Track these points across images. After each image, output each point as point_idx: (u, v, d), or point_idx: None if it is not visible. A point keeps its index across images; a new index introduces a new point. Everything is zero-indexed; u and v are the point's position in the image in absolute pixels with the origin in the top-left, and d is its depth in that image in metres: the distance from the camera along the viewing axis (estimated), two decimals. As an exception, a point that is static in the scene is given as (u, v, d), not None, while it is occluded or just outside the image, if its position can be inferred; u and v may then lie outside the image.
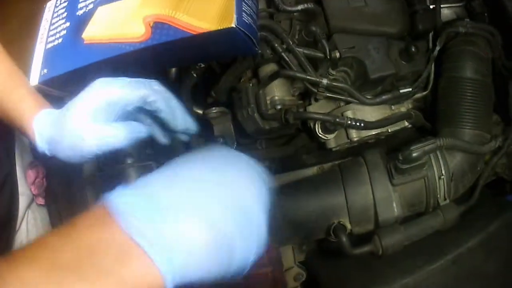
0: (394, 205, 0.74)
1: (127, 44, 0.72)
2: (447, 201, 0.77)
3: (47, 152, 0.59)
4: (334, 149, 0.79)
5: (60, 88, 0.82)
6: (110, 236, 0.32)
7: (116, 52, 0.72)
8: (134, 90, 0.55)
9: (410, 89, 0.76)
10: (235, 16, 0.65)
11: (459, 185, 0.79)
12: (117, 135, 0.53)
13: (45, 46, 0.83)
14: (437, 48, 0.79)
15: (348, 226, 0.75)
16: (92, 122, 0.52)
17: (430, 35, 0.82)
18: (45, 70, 0.81)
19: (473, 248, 0.77)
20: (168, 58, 0.76)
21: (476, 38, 0.82)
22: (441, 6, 0.86)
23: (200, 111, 0.79)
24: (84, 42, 0.77)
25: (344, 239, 0.71)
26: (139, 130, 0.56)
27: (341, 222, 0.73)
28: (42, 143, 0.58)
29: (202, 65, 0.77)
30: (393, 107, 0.78)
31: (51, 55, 0.82)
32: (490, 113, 0.82)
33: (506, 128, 0.85)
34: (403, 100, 0.78)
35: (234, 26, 0.64)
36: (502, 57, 0.87)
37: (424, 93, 0.81)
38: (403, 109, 0.79)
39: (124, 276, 0.31)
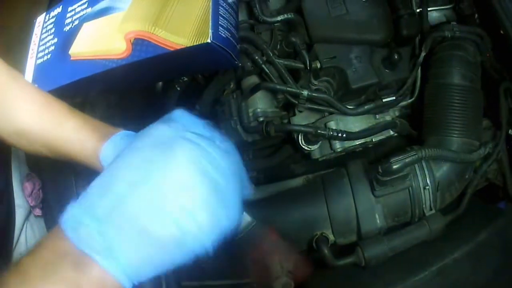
0: (377, 216, 0.72)
1: (110, 61, 0.72)
2: (433, 211, 0.75)
3: None
4: (320, 159, 0.77)
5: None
6: (65, 250, 0.36)
7: (99, 69, 0.73)
8: None
9: (394, 98, 0.74)
10: (210, 31, 0.64)
11: (446, 195, 0.76)
12: None
13: (35, 61, 0.84)
14: (423, 54, 0.76)
15: (332, 237, 0.74)
16: None
17: (417, 40, 0.79)
18: (36, 86, 0.82)
19: (459, 259, 0.75)
20: (151, 73, 0.76)
21: (463, 42, 0.79)
22: (429, 9, 0.82)
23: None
24: (71, 58, 0.78)
25: (326, 251, 0.70)
26: None
27: (324, 234, 0.72)
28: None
29: (186, 79, 0.77)
30: (377, 116, 0.76)
31: (40, 70, 0.83)
32: (479, 120, 0.79)
33: (497, 133, 0.81)
34: (387, 109, 0.76)
35: (210, 41, 0.63)
36: (492, 59, 0.83)
37: (410, 100, 0.78)
38: (388, 118, 0.77)
39: (84, 284, 0.35)
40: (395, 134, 0.78)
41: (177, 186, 0.38)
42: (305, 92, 0.70)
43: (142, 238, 0.37)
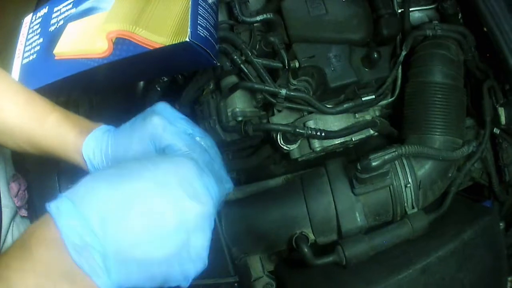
0: (357, 215, 0.71)
1: (92, 60, 0.72)
2: (415, 209, 0.74)
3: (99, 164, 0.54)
4: (300, 159, 0.77)
5: None
6: (63, 262, 0.35)
7: (82, 68, 0.73)
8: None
9: (373, 97, 0.73)
10: (189, 30, 0.64)
11: (428, 193, 0.75)
12: None
13: (22, 61, 0.85)
14: (403, 52, 0.75)
15: (312, 236, 0.73)
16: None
17: (398, 40, 0.78)
18: (21, 84, 0.83)
19: (444, 257, 0.73)
20: (132, 72, 0.76)
21: (445, 41, 0.78)
22: (412, 9, 0.82)
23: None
24: (55, 57, 0.78)
25: (305, 249, 0.69)
26: None
27: (304, 233, 0.71)
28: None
29: (166, 79, 0.77)
30: (357, 115, 0.75)
31: (26, 70, 0.83)
32: (462, 118, 0.78)
33: (480, 132, 0.80)
34: (366, 108, 0.75)
35: (188, 40, 0.63)
36: (475, 58, 0.82)
37: (391, 99, 0.77)
38: (367, 117, 0.76)
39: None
40: (376, 134, 0.77)
41: (181, 235, 0.38)
42: (283, 91, 0.69)
43: (137, 267, 0.37)
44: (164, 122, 0.50)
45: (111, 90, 0.82)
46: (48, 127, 0.55)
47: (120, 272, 0.36)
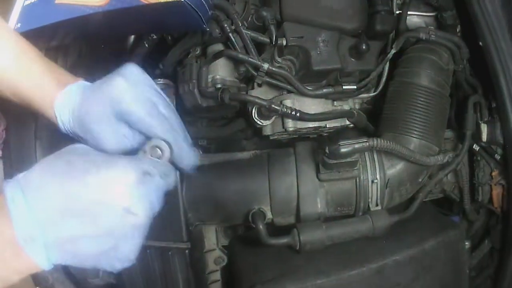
0: (318, 201, 0.68)
1: (89, 7, 0.72)
2: (379, 207, 0.71)
3: (70, 134, 0.54)
4: (271, 137, 0.74)
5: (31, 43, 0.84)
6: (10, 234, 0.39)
7: (78, 13, 0.73)
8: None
9: (355, 87, 0.71)
10: (185, -9, 0.63)
11: (395, 194, 0.72)
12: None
13: (24, 2, 0.85)
14: (393, 50, 0.73)
15: (270, 215, 0.70)
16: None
17: (391, 37, 0.76)
18: (19, 25, 0.83)
19: (401, 262, 0.70)
20: (125, 24, 0.75)
21: (438, 47, 0.76)
22: (411, 13, 0.80)
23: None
24: (55, 1, 0.78)
25: (260, 226, 0.66)
26: None
27: (262, 210, 0.69)
28: (64, 128, 0.54)
29: (155, 36, 0.76)
30: (336, 103, 0.73)
31: (26, 11, 0.83)
32: (442, 126, 0.75)
33: (459, 145, 0.77)
34: (346, 97, 0.73)
35: (182, 0, 0.62)
36: (466, 71, 0.80)
37: (373, 94, 0.75)
38: (346, 107, 0.74)
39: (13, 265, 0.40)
40: (351, 125, 0.75)
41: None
42: (265, 65, 0.68)
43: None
44: (127, 85, 0.49)
45: (101, 41, 0.82)
46: (31, 76, 0.54)
47: (57, 258, 0.41)
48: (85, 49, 0.83)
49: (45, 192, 0.40)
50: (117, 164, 0.41)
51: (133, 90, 0.49)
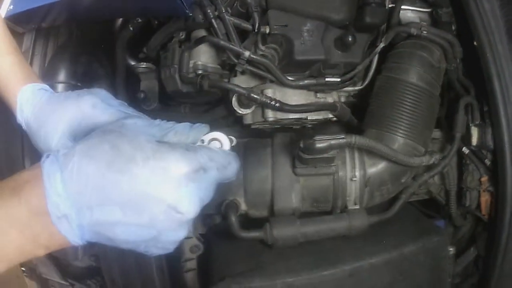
0: (293, 195, 0.65)
1: None
2: (357, 206, 0.67)
3: (24, 125, 0.54)
4: (252, 126, 0.71)
5: (23, 25, 0.82)
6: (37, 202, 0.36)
7: None
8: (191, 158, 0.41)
9: (338, 80, 0.67)
10: (167, -26, 0.61)
11: (376, 193, 0.68)
12: None
13: (18, -15, 0.84)
14: (381, 44, 0.69)
15: (244, 207, 0.67)
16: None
17: (381, 31, 0.72)
18: (11, 7, 0.82)
19: (377, 265, 0.66)
20: (110, 7, 0.73)
21: (430, 44, 0.71)
22: (405, 7, 0.76)
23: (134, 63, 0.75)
24: (46, -16, 0.77)
25: (232, 218, 0.63)
26: None
27: (235, 201, 0.65)
28: (21, 117, 0.54)
29: (140, 20, 0.73)
30: (319, 95, 0.69)
31: (19, -8, 0.82)
32: (430, 126, 0.70)
33: (447, 146, 0.73)
34: (329, 90, 0.69)
35: (164, -15, 0.60)
36: (459, 70, 0.75)
37: (358, 87, 0.71)
38: (330, 99, 0.70)
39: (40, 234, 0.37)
40: (334, 119, 0.71)
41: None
42: (246, 53, 0.64)
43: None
44: (95, 100, 0.48)
45: (90, 23, 0.80)
46: (2, 65, 0.55)
47: (91, 237, 0.38)
48: (75, 30, 0.82)
49: (85, 177, 0.36)
50: (169, 156, 0.38)
51: (102, 102, 0.48)
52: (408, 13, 0.77)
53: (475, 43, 0.71)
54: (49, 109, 0.51)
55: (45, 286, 0.87)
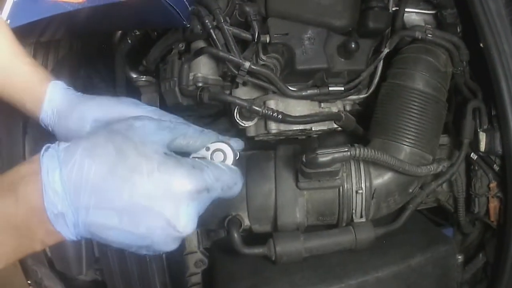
0: (297, 210, 0.62)
1: (69, 4, 0.70)
2: (363, 219, 0.64)
3: (52, 113, 0.52)
4: (256, 138, 0.68)
5: (21, 39, 0.82)
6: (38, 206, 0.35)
7: (60, 10, 0.71)
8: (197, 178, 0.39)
9: (342, 89, 0.64)
10: (161, -13, 0.58)
11: (382, 205, 0.65)
12: None
13: (13, -1, 0.83)
14: (386, 50, 0.66)
15: (247, 222, 0.64)
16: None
17: (386, 36, 0.69)
18: (8, 21, 0.81)
19: (384, 279, 0.63)
20: (106, 21, 0.72)
21: (436, 48, 0.68)
22: (409, 10, 0.72)
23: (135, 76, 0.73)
24: (44, -2, 0.75)
25: (235, 235, 0.61)
26: None
27: (238, 216, 0.63)
28: (49, 106, 0.53)
29: (138, 33, 0.70)
30: (322, 105, 0.66)
31: (16, 7, 0.81)
32: (437, 133, 0.67)
33: (455, 153, 0.70)
34: (334, 99, 0.66)
35: (159, -4, 0.57)
36: (465, 74, 0.72)
37: (363, 96, 0.68)
38: (334, 109, 0.67)
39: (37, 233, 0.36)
40: (339, 128, 0.68)
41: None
42: (247, 64, 0.61)
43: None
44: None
45: (89, 36, 0.77)
46: (21, 71, 0.54)
47: (85, 235, 0.37)
48: (76, 43, 0.79)
49: (85, 177, 0.35)
50: (175, 172, 0.36)
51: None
52: (412, 15, 0.73)
53: (481, 44, 0.67)
54: (85, 97, 0.51)
55: (51, 299, 0.86)
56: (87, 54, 0.80)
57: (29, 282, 0.93)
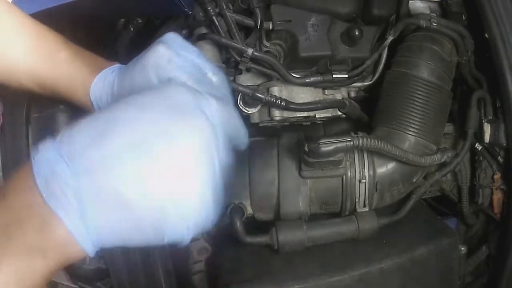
0: (300, 199, 0.58)
1: None
2: (366, 208, 0.60)
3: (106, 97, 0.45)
4: (260, 125, 0.64)
5: None
6: (34, 203, 0.28)
7: (62, 1, 0.67)
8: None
9: (346, 76, 0.60)
10: (162, -26, 0.54)
11: (386, 194, 0.61)
12: None
13: (18, -10, 0.79)
14: (390, 38, 0.61)
15: (250, 210, 0.60)
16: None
17: (390, 23, 0.64)
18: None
19: (387, 270, 0.59)
20: (108, 10, 0.68)
21: (441, 37, 0.63)
22: (414, -3, 0.68)
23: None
24: (48, -12, 0.71)
25: (237, 224, 0.57)
26: None
27: (241, 205, 0.59)
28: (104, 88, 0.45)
29: (140, 20, 0.66)
30: (326, 91, 0.62)
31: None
32: (441, 123, 0.63)
33: (460, 142, 0.65)
34: (337, 86, 0.61)
35: (159, -16, 0.53)
36: (471, 63, 0.67)
37: (366, 83, 0.63)
38: (338, 96, 0.62)
39: (46, 248, 0.28)
40: (343, 116, 0.63)
41: (175, 170, 0.29)
42: (249, 50, 0.57)
43: (120, 209, 0.28)
44: (170, 53, 0.40)
45: (93, 25, 0.74)
46: (57, 65, 0.47)
47: (97, 215, 0.28)
48: (80, 32, 0.75)
49: (79, 128, 0.30)
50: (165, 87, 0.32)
51: (177, 57, 0.40)
52: (417, 3, 0.69)
53: (486, 35, 0.63)
54: (128, 85, 0.43)
55: (55, 289, 0.83)
56: (90, 43, 0.76)
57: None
